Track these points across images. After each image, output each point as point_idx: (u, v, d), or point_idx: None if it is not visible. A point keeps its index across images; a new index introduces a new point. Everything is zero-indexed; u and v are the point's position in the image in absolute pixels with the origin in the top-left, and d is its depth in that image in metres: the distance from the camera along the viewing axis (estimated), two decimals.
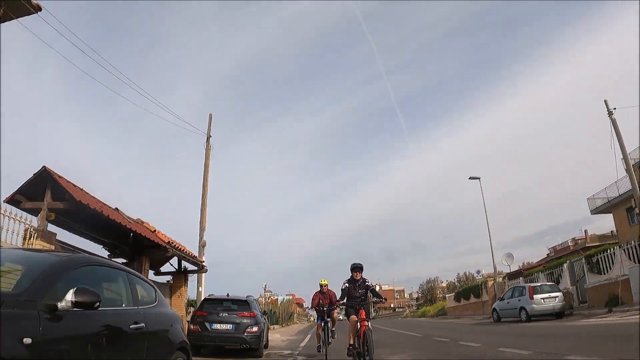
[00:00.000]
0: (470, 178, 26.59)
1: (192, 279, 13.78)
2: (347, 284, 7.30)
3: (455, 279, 71.37)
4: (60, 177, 7.11)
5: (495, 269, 24.99)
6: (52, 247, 6.73)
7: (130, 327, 3.16)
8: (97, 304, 2.57)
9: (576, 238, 47.71)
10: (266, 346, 11.29)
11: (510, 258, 24.93)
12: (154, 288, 4.23)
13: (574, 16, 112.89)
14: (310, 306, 10.44)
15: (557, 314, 15.97)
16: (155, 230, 10.39)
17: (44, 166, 6.91)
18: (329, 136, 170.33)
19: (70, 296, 2.45)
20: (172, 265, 12.69)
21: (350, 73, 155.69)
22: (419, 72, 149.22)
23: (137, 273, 4.04)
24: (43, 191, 7.10)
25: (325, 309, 8.81)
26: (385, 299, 9.66)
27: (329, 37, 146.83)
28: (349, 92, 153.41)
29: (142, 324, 3.31)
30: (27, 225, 6.73)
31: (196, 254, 13.78)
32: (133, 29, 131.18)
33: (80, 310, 2.51)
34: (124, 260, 10.08)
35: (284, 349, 11.83)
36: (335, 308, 9.01)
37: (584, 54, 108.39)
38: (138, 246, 9.95)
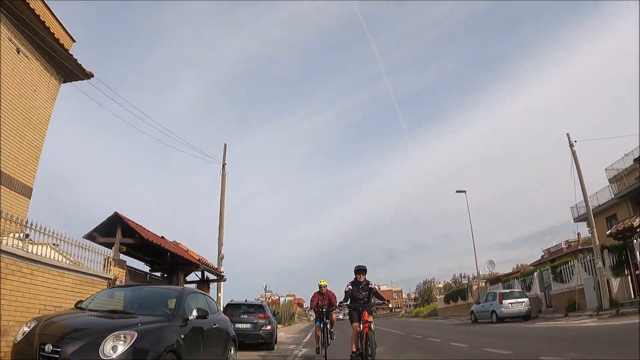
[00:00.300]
0: (456, 192, 29.14)
1: (212, 285, 16.44)
2: (350, 286, 7.39)
3: (451, 280, 73.71)
4: (128, 219, 9.78)
5: (478, 274, 27.59)
6: (124, 271, 9.37)
7: (213, 326, 5.80)
8: (208, 315, 5.22)
9: (570, 240, 50.20)
10: (275, 341, 13.93)
11: (492, 265, 27.55)
12: (215, 301, 6.86)
13: (572, 18, 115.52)
14: (309, 307, 10.29)
15: (524, 317, 18.53)
16: (188, 250, 13.08)
17: (116, 212, 9.59)
18: (328, 136, 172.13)
19: (195, 312, 5.09)
20: (196, 275, 15.36)
21: (351, 73, 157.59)
22: (420, 72, 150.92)
23: (207, 294, 6.68)
24: (114, 229, 9.75)
25: (324, 310, 9.03)
26: (388, 301, 7.63)
27: (329, 37, 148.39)
28: (349, 92, 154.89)
29: (217, 325, 5.95)
30: (105, 256, 9.34)
31: (215, 264, 16.45)
32: (133, 28, 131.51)
33: (199, 319, 5.15)
34: (163, 274, 12.75)
35: (290, 344, 14.44)
36: (335, 309, 9.31)
37: (581, 58, 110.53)
38: (175, 263, 12.61)
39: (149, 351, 3.93)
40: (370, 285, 7.39)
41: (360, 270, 7.35)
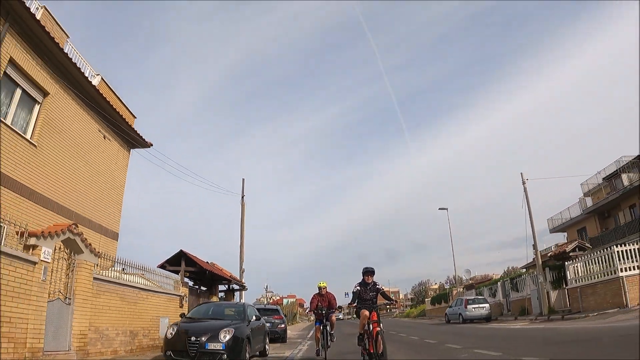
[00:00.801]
0: (439, 209, 33.55)
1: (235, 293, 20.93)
2: (358, 287, 7.52)
3: (445, 281, 77.84)
4: (189, 254, 14.26)
5: (456, 280, 32.04)
6: (187, 290, 13.82)
7: (259, 325, 10.28)
8: (261, 318, 9.72)
9: (559, 244, 54.38)
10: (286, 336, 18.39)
11: (468, 272, 32.08)
12: (254, 309, 11.29)
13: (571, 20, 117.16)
14: (309, 309, 10.43)
15: (485, 319, 22.93)
16: (222, 269, 17.57)
17: (181, 249, 14.07)
18: (328, 136, 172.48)
19: (253, 317, 9.58)
20: (225, 286, 19.82)
21: (350, 72, 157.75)
22: (420, 72, 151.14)
23: (251, 305, 11.15)
24: (179, 260, 14.21)
25: (323, 311, 9.11)
26: (396, 301, 9.65)
27: (329, 36, 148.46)
28: (349, 91, 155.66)
29: (260, 324, 10.42)
30: (175, 280, 13.78)
31: (237, 276, 20.93)
32: (134, 27, 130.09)
33: (254, 321, 9.62)
34: (206, 288, 17.22)
35: (297, 338, 18.85)
36: (334, 311, 9.50)
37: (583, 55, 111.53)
38: (213, 279, 17.08)
39: (240, 338, 8.34)
40: (377, 286, 7.53)
41: (368, 272, 7.51)
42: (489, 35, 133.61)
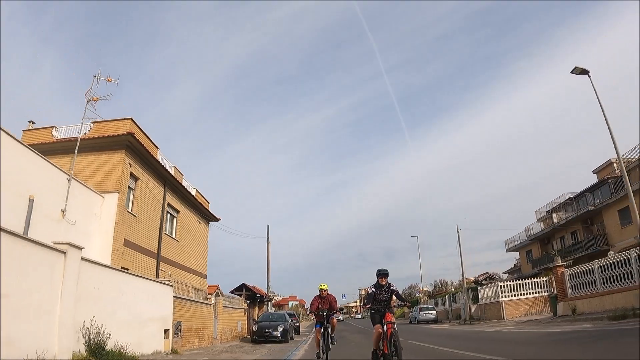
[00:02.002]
0: (411, 236, 44.23)
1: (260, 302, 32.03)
2: (373, 289, 7.61)
3: (433, 283, 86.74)
4: (247, 284, 25.19)
5: (421, 290, 42.94)
6: (246, 304, 24.76)
7: (292, 323, 21.27)
8: (290, 319, 20.92)
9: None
10: (299, 331, 29.30)
11: (432, 285, 42.87)
12: (287, 314, 22.27)
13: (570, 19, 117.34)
14: (309, 311, 9.09)
15: (433, 321, 33.81)
16: (260, 290, 28.58)
17: (243, 283, 24.99)
18: (327, 135, 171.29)
19: (288, 319, 20.69)
20: (259, 299, 30.78)
21: (350, 71, 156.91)
22: (420, 71, 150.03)
23: (286, 312, 22.20)
24: (241, 288, 25.16)
25: (324, 314, 9.03)
26: (409, 302, 9.31)
27: (329, 35, 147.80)
28: (349, 90, 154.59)
29: (291, 322, 21.45)
30: (239, 299, 24.73)
31: (265, 291, 31.96)
32: (133, 25, 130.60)
33: (289, 321, 20.70)
34: (251, 301, 28.25)
35: (305, 333, 29.66)
36: (335, 313, 9.51)
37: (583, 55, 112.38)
38: (254, 295, 28.11)
39: (286, 329, 19.11)
40: (392, 288, 7.64)
41: (382, 274, 7.57)
42: (489, 35, 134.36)
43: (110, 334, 8.44)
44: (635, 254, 14.98)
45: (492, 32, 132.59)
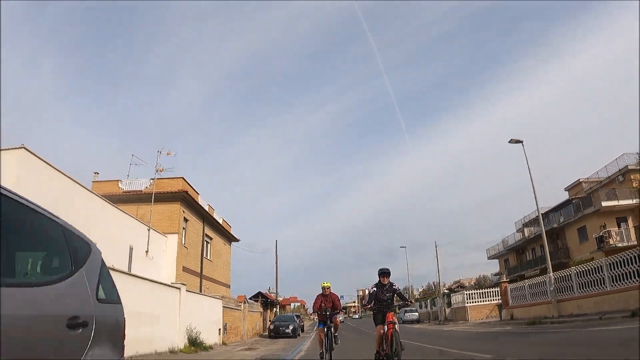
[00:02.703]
0: (400, 246, 50.32)
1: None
2: (375, 288, 7.54)
3: (424, 286, 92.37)
4: (263, 292, 31.51)
5: (411, 295, 49.20)
6: (262, 309, 31.10)
7: (298, 322, 27.68)
8: (297, 319, 27.36)
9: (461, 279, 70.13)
10: (303, 329, 35.57)
11: (417, 290, 49.09)
12: (295, 316, 28.63)
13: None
14: (312, 310, 10.04)
15: (415, 321, 40.11)
16: (271, 295, 34.95)
17: (259, 291, 31.30)
18: (328, 134, 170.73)
19: (297, 319, 27.12)
20: (268, 302, 37.09)
21: (350, 71, 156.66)
22: (419, 70, 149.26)
23: (294, 314, 28.60)
24: (258, 295, 31.50)
25: (327, 313, 8.93)
26: (411, 301, 9.41)
27: (329, 35, 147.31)
28: (348, 89, 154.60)
29: (299, 322, 27.85)
30: (257, 304, 31.08)
31: (274, 296, 38.35)
32: (133, 24, 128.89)
33: (297, 321, 27.11)
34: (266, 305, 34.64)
35: (308, 331, 35.97)
36: (339, 312, 9.40)
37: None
38: (267, 300, 34.50)
39: (295, 327, 25.33)
40: (394, 287, 7.58)
41: (384, 274, 7.51)
42: (488, 35, 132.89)
43: (198, 332, 14.74)
44: (551, 278, 21.04)
45: (492, 32, 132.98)
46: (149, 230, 19.04)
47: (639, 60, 76.39)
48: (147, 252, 18.72)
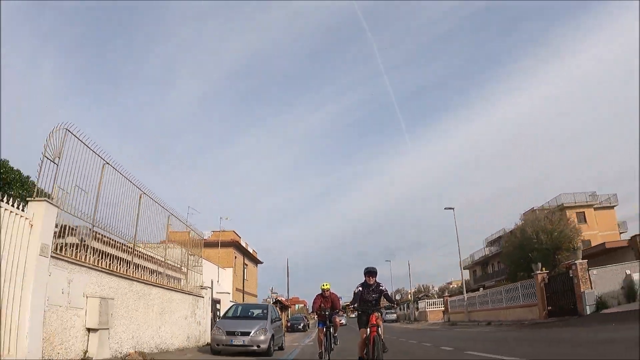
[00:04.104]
0: (385, 260, 62.95)
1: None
2: (360, 288, 7.34)
3: (415, 288, 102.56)
4: (281, 299, 44.38)
5: (401, 296, 62.28)
6: (279, 311, 44.03)
7: (305, 321, 40.67)
8: (304, 318, 40.38)
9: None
10: (308, 326, 48.31)
11: (399, 293, 61.73)
12: (304, 316, 41.53)
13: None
14: (311, 310, 10.40)
15: (393, 321, 52.91)
16: (285, 299, 47.85)
17: (277, 298, 44.09)
18: (327, 134, 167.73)
19: (304, 318, 40.07)
20: (282, 306, 49.93)
21: (349, 70, 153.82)
22: (419, 70, 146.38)
23: (302, 315, 41.55)
24: (277, 301, 44.45)
25: (327, 313, 9.07)
26: (398, 304, 7.82)
27: (328, 35, 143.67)
28: (348, 89, 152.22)
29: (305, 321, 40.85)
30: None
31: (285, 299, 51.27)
32: (133, 24, 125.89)
33: (306, 320, 40.10)
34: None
35: (312, 328, 48.71)
36: (338, 312, 9.51)
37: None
38: (282, 304, 47.49)
39: (305, 325, 38.33)
40: (380, 288, 7.34)
41: (370, 273, 7.30)
42: (488, 35, 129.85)
43: None
44: (465, 297, 33.64)
45: (492, 31, 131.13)
46: (218, 268, 31.98)
47: (639, 60, 79.55)
48: (218, 282, 31.63)
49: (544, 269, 22.49)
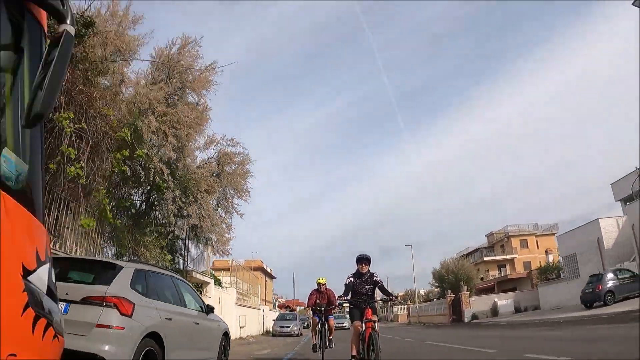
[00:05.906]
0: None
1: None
2: (351, 279, 6.70)
3: (403, 292, 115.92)
4: (285, 299, 60.38)
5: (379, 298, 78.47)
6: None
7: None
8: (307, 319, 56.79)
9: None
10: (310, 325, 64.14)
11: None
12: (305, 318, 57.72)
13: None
14: (306, 305, 9.96)
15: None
16: (293, 303, 63.86)
17: (288, 305, 60.11)
18: (325, 133, 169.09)
19: (309, 319, 56.52)
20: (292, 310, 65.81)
21: (348, 69, 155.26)
22: (418, 69, 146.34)
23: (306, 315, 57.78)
24: (287, 306, 60.48)
25: (322, 309, 8.87)
26: (397, 297, 8.52)
27: (327, 34, 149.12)
28: (347, 88, 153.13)
29: (308, 321, 57.22)
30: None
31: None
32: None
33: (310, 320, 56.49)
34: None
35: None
36: (334, 308, 9.05)
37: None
38: (291, 309, 63.65)
39: (309, 323, 54.56)
40: (375, 278, 6.69)
41: (363, 260, 6.72)
42: (488, 35, 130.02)
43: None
44: (417, 305, 49.55)
45: (492, 31, 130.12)
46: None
47: (639, 60, 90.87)
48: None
49: (451, 293, 38.69)
